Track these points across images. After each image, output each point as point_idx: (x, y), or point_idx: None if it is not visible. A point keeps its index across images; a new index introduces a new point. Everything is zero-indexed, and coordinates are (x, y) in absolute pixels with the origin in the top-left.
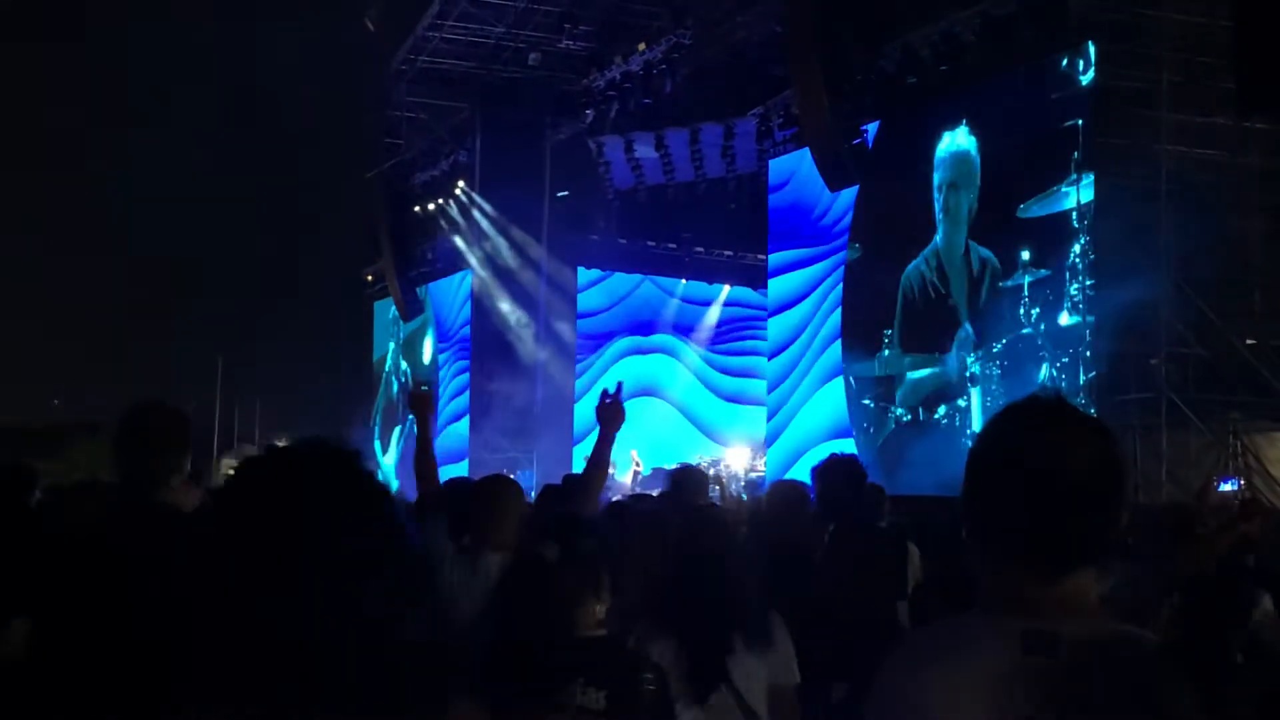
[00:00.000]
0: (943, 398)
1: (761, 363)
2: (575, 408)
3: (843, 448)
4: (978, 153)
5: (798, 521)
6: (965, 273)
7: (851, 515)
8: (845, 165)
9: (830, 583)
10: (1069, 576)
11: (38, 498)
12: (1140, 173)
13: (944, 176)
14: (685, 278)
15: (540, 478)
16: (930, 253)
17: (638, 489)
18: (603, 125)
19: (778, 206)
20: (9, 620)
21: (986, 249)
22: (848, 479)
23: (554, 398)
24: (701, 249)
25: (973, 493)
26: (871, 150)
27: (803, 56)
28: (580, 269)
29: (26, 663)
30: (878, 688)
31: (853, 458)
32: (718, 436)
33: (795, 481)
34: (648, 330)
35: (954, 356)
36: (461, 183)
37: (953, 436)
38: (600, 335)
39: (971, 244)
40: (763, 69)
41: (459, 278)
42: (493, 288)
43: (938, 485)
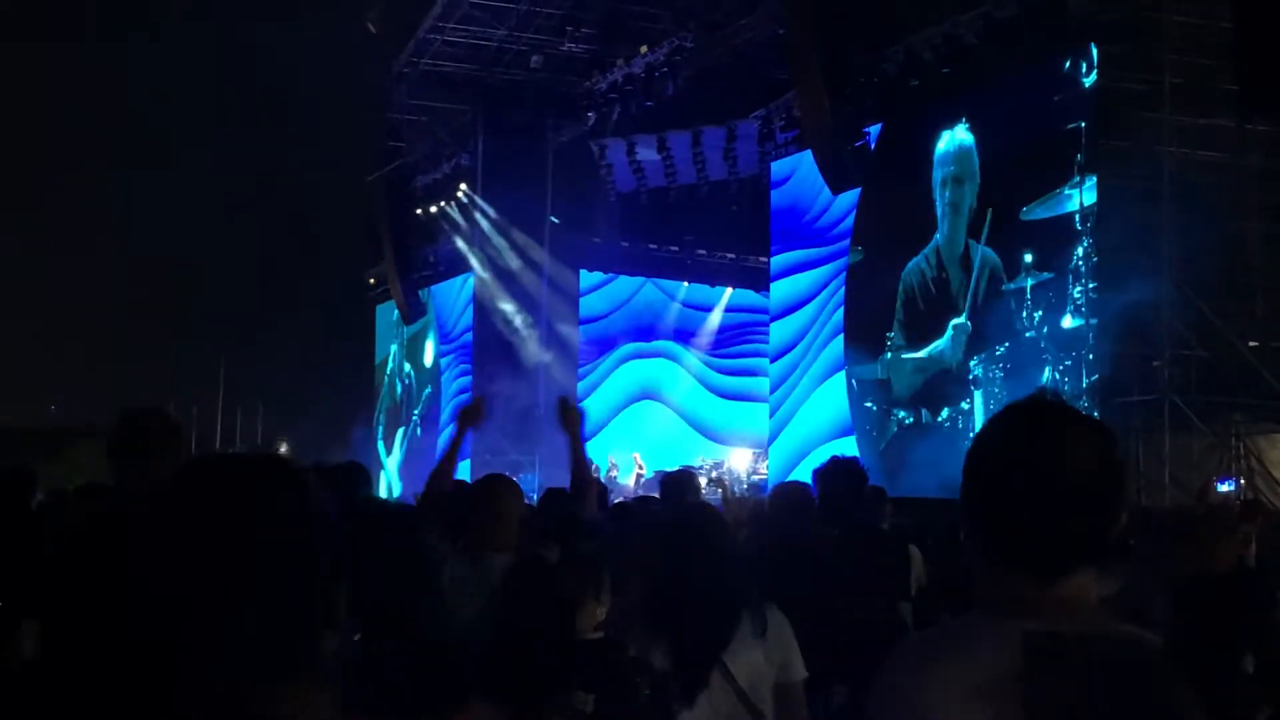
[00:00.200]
0: (945, 400)
1: (763, 364)
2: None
3: (845, 447)
4: (976, 149)
5: (801, 523)
6: (965, 269)
7: (853, 517)
8: (847, 167)
9: (832, 585)
10: (1069, 577)
11: (39, 500)
12: (1142, 174)
13: (944, 172)
14: (687, 280)
15: (543, 480)
16: (930, 250)
17: (640, 491)
18: (604, 128)
19: (779, 209)
20: (19, 621)
21: (989, 250)
22: (849, 481)
23: (556, 400)
24: (704, 251)
25: (971, 493)
26: (874, 152)
27: (804, 59)
28: (583, 272)
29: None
30: (878, 689)
31: (854, 460)
32: (720, 439)
33: (798, 483)
34: (650, 336)
35: (949, 340)
36: (463, 185)
37: (955, 439)
38: (603, 340)
39: (971, 242)
40: (765, 71)
41: (461, 280)
42: (494, 290)
43: (940, 488)
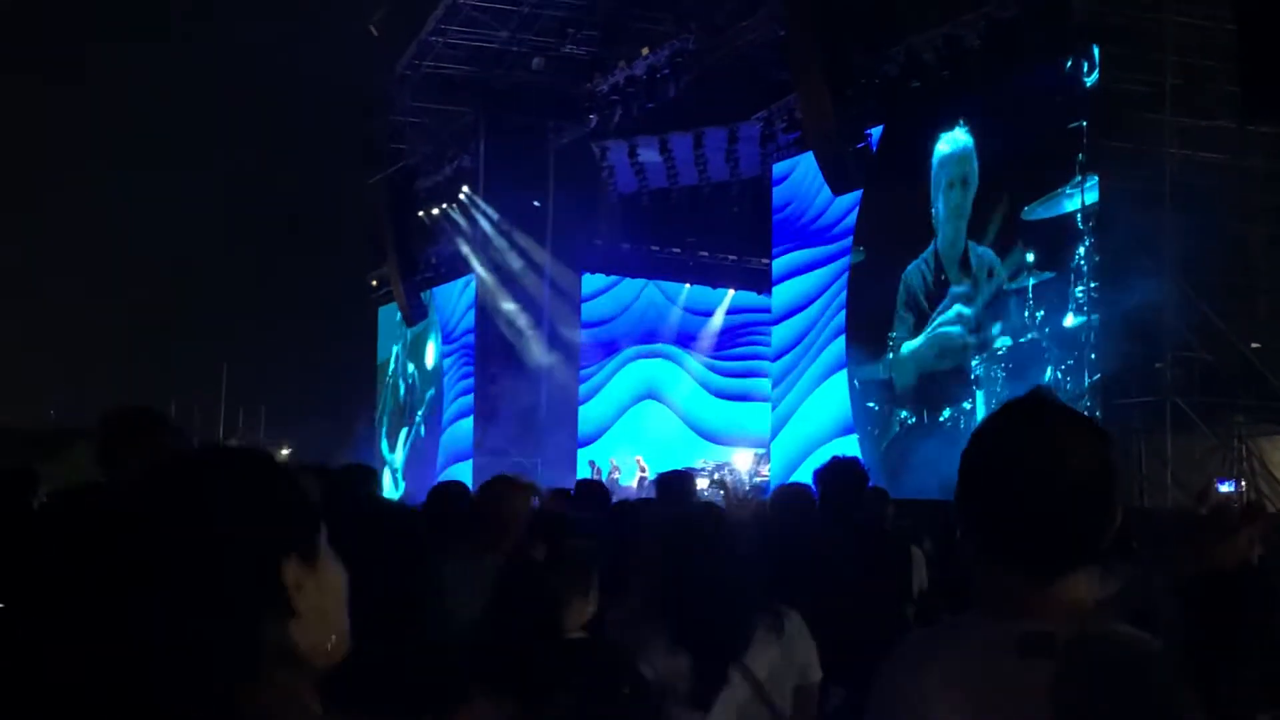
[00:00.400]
0: (947, 399)
1: (765, 366)
2: (580, 412)
3: (848, 445)
4: (977, 150)
5: (803, 525)
6: (965, 271)
7: (854, 518)
8: (849, 169)
9: (833, 586)
10: (1066, 578)
11: (41, 501)
12: (1144, 175)
13: (945, 174)
14: (689, 282)
15: (545, 482)
16: (930, 253)
17: (643, 494)
18: (606, 129)
19: (781, 210)
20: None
21: (988, 250)
22: (850, 482)
23: (558, 402)
24: (706, 253)
25: (968, 493)
26: (875, 154)
27: (805, 60)
28: (589, 275)
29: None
30: (875, 690)
31: (854, 460)
32: (723, 441)
33: (800, 484)
34: (652, 339)
35: (950, 308)
36: (465, 187)
37: (957, 439)
38: (608, 343)
39: (971, 244)
40: (766, 73)
41: (463, 282)
42: (496, 292)
43: (941, 488)
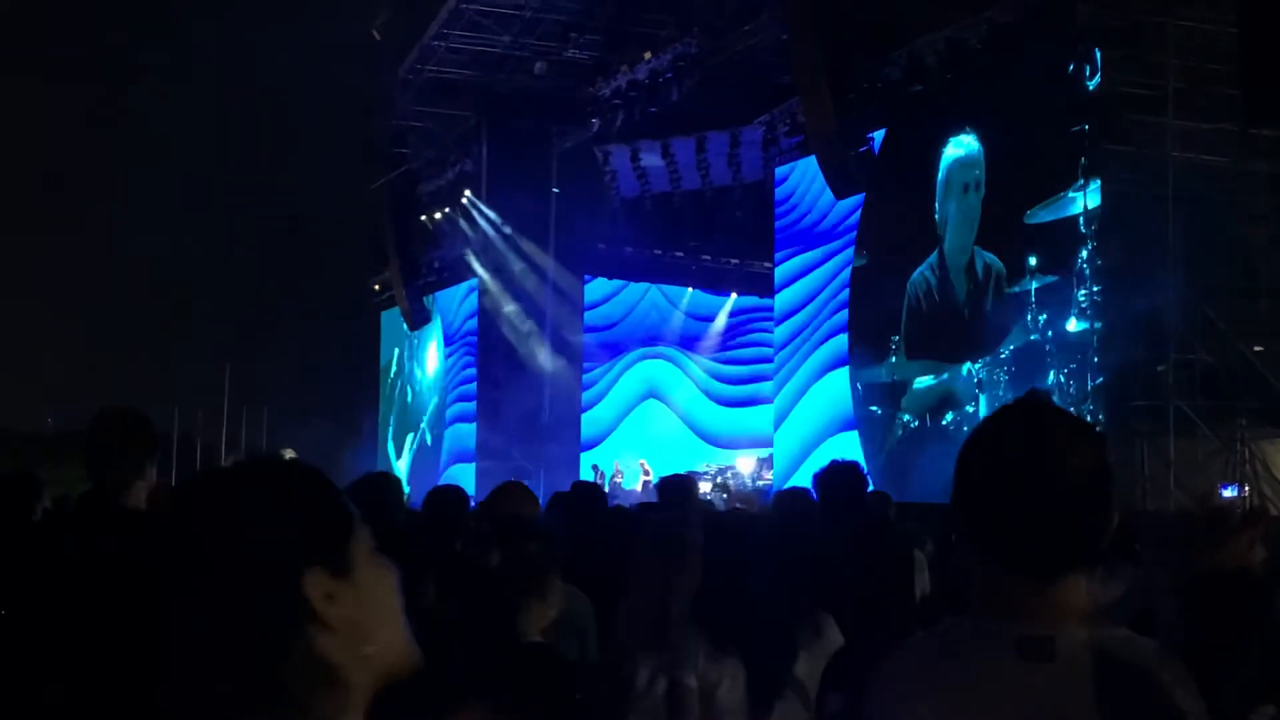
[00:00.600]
0: (950, 405)
1: (768, 369)
2: (583, 416)
3: (849, 441)
4: (981, 154)
5: (804, 530)
6: (970, 279)
7: (854, 521)
8: (851, 173)
9: (833, 590)
10: (1064, 580)
11: (45, 507)
12: (1147, 179)
13: (948, 178)
14: (692, 286)
15: (548, 485)
16: (935, 259)
17: (646, 497)
18: (609, 134)
19: (783, 214)
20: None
21: (992, 255)
22: (849, 484)
23: (561, 405)
24: (708, 257)
25: (965, 495)
26: (878, 158)
27: (808, 65)
28: (594, 281)
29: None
30: (872, 694)
31: (854, 464)
32: (726, 444)
33: (800, 488)
34: (655, 342)
35: (965, 369)
36: (468, 192)
37: (960, 443)
38: (613, 345)
39: (976, 249)
40: (769, 77)
41: (465, 286)
42: (499, 296)
43: (945, 492)
